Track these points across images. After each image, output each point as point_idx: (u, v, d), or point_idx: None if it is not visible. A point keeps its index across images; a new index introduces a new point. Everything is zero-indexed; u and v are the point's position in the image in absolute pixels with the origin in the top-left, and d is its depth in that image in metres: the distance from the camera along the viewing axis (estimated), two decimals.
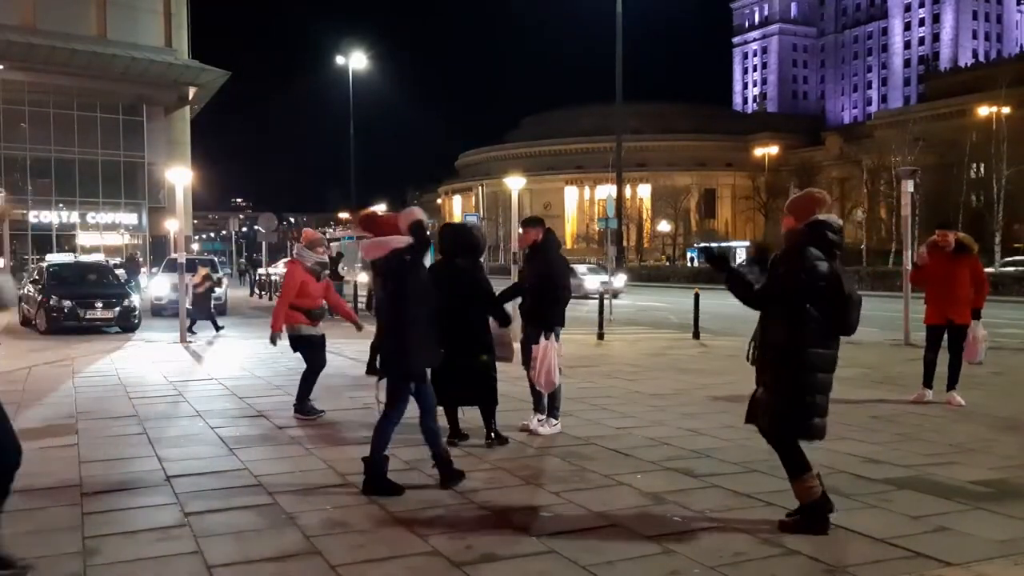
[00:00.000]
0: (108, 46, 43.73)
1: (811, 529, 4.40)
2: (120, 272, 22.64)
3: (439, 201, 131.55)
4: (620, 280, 30.24)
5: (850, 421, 7.27)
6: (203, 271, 16.58)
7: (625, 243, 72.82)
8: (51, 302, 16.41)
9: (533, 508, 4.90)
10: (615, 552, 4.16)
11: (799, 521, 4.47)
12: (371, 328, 6.07)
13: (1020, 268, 35.73)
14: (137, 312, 17.15)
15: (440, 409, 5.84)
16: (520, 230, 7.18)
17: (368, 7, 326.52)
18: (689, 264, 65.95)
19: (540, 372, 6.62)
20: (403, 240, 5.29)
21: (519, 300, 7.24)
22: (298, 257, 7.96)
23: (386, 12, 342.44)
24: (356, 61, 43.23)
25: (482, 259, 6.80)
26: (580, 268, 31.88)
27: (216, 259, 26.61)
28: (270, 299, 27.59)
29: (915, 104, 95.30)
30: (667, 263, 77.29)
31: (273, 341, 7.78)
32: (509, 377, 7.58)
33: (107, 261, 24.46)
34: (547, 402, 6.99)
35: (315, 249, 7.96)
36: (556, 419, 7.04)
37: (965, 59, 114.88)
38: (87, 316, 16.43)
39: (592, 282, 28.55)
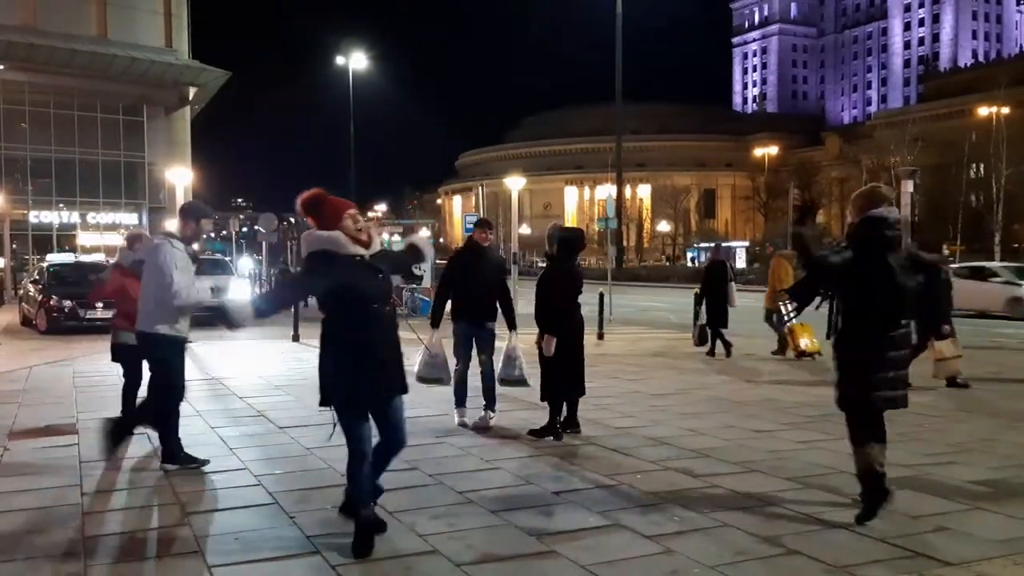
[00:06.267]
0: (108, 46, 43.65)
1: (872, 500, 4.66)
2: None
3: (439, 201, 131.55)
4: None
5: None
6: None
7: (625, 243, 72.95)
8: (51, 302, 16.42)
9: (533, 508, 4.90)
10: (615, 552, 4.16)
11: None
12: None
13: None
14: None
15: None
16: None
17: (368, 7, 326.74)
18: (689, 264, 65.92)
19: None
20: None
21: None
22: (121, 261, 7.07)
23: (386, 12, 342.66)
24: (356, 61, 43.24)
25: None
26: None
27: (223, 258, 26.39)
28: None
29: (915, 104, 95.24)
30: (667, 263, 77.34)
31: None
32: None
33: (107, 261, 24.41)
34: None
35: (133, 247, 7.04)
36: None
37: (965, 59, 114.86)
38: (87, 316, 16.40)
39: None
